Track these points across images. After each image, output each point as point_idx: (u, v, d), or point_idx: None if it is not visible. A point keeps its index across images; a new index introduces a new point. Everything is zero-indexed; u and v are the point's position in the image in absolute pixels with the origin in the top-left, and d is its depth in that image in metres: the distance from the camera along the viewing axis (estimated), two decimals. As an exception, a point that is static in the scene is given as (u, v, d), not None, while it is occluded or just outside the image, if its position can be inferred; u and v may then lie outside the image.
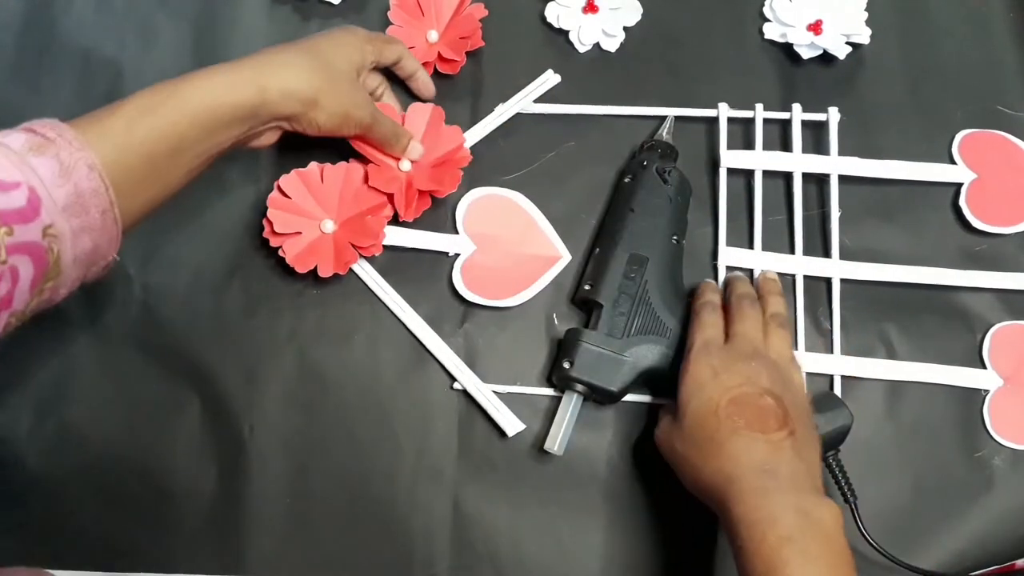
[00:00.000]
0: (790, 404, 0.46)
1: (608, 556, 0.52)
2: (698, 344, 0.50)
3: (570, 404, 0.52)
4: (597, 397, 0.52)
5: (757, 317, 0.52)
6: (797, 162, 0.58)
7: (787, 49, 0.61)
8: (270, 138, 0.52)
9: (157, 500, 0.52)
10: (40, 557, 0.51)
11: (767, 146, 0.59)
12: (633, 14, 0.61)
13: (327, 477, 0.53)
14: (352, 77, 0.52)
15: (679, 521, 0.52)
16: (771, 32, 0.61)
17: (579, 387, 0.51)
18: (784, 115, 0.59)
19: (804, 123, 0.59)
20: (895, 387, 0.55)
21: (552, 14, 0.61)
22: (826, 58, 0.60)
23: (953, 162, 0.59)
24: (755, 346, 0.50)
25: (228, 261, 0.57)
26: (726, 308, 0.53)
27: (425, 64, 0.59)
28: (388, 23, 0.60)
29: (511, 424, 0.53)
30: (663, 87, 0.61)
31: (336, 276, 0.55)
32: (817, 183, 0.59)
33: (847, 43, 0.60)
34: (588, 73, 0.61)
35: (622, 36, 0.61)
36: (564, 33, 0.62)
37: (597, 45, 0.61)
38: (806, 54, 0.60)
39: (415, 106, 0.57)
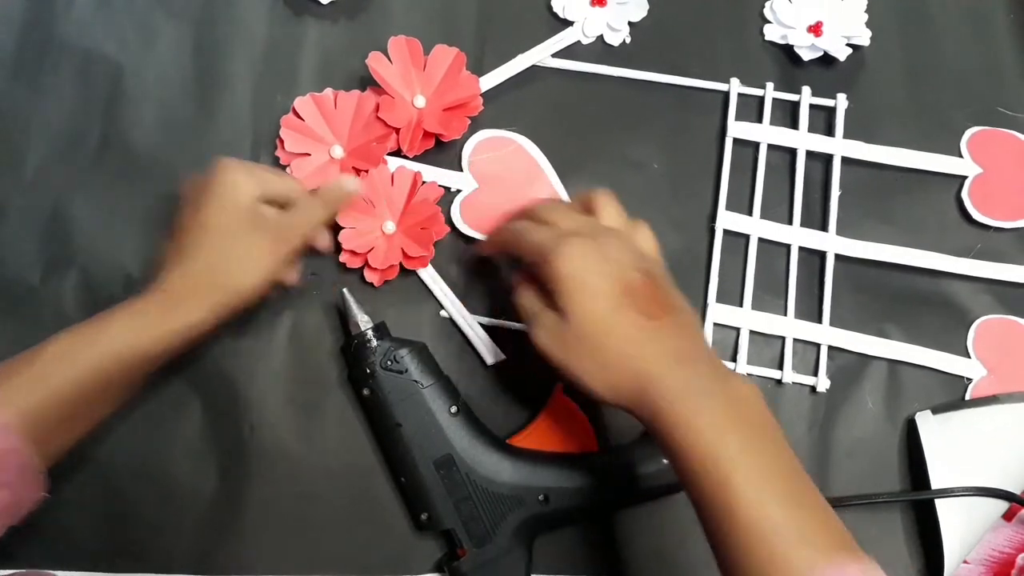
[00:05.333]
0: (662, 281, 0.44)
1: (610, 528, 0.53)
2: (565, 230, 0.45)
3: None
4: None
5: (616, 206, 0.48)
6: (802, 139, 0.59)
7: (788, 50, 0.61)
8: None
9: (157, 500, 0.52)
10: (40, 557, 0.51)
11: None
12: (639, 10, 0.61)
13: (327, 477, 0.53)
14: (252, 227, 0.49)
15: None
16: (771, 34, 0.61)
17: None
18: (793, 97, 0.60)
19: (811, 120, 0.59)
20: (881, 375, 0.56)
21: (558, 4, 0.61)
22: (827, 60, 0.61)
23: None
24: (621, 226, 0.47)
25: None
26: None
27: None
28: (391, 24, 0.60)
29: None
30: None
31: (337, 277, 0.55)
32: (821, 172, 0.59)
33: (847, 44, 0.60)
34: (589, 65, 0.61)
35: (626, 31, 0.61)
36: (568, 24, 0.62)
37: (600, 38, 0.62)
38: (807, 56, 0.61)
39: (439, 48, 0.57)
